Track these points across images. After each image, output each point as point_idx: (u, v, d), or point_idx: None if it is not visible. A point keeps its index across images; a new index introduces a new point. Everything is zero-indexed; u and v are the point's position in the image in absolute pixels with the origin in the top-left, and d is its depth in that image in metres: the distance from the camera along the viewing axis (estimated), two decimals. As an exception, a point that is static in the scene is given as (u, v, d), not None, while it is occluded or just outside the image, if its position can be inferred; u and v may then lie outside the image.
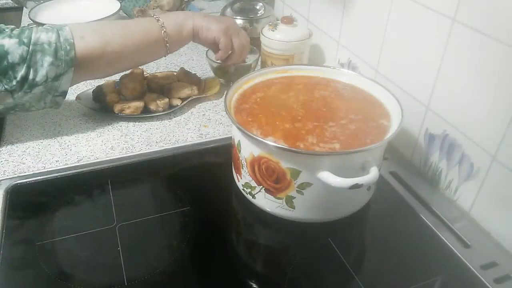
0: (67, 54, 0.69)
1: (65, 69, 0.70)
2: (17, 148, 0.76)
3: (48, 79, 0.69)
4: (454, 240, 0.60)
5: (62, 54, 0.69)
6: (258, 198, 0.62)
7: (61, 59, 0.69)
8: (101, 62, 0.74)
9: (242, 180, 0.63)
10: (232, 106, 0.64)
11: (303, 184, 0.56)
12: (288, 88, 0.70)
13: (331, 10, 0.93)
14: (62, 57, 0.69)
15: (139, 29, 0.77)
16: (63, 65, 0.69)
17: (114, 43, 0.73)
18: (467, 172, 0.63)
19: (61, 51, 0.69)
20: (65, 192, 0.67)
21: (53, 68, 0.68)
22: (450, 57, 0.63)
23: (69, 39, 0.70)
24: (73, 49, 0.69)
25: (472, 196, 0.64)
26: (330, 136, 0.59)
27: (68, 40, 0.69)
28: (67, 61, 0.69)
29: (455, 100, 0.63)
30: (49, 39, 0.68)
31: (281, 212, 0.61)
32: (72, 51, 0.69)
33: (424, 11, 0.66)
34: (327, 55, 1.00)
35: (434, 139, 0.69)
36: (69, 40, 0.69)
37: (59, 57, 0.68)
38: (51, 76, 0.69)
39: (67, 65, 0.69)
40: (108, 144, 0.78)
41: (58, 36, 0.69)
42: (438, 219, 0.64)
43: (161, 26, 0.77)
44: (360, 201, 0.63)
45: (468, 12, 0.58)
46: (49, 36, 0.69)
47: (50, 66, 0.68)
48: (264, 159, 0.57)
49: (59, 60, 0.69)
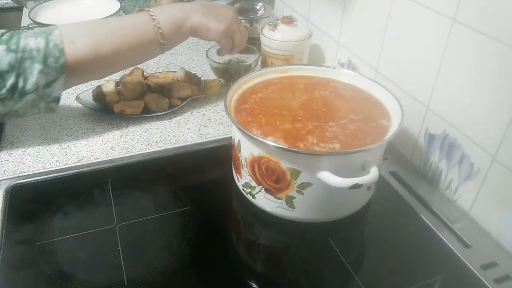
0: (57, 61, 0.65)
1: (55, 76, 0.66)
2: (17, 148, 0.76)
3: (39, 87, 0.66)
4: (454, 240, 0.60)
5: (51, 61, 0.65)
6: (258, 198, 0.62)
7: (51, 66, 0.65)
8: (93, 67, 0.70)
9: (242, 180, 0.63)
10: (232, 106, 0.64)
11: (303, 184, 0.56)
12: (288, 88, 0.70)
13: (331, 10, 0.93)
14: (51, 64, 0.65)
15: (132, 31, 0.72)
16: (53, 72, 0.65)
17: (107, 47, 0.69)
18: (467, 172, 0.63)
19: (50, 58, 0.65)
20: (65, 192, 0.67)
21: (42, 75, 0.65)
22: (450, 57, 0.63)
23: (59, 44, 0.65)
24: (63, 55, 0.65)
25: (472, 196, 0.64)
26: (330, 136, 0.59)
27: (58, 45, 0.65)
28: (57, 68, 0.65)
29: (455, 100, 0.64)
30: (38, 45, 0.64)
31: (281, 212, 0.61)
32: (62, 57, 0.65)
33: (424, 11, 0.66)
34: (327, 55, 1.00)
35: (434, 139, 0.69)
36: (58, 45, 0.65)
37: (48, 64, 0.65)
38: (42, 83, 0.65)
39: (57, 72, 0.66)
40: (108, 144, 0.78)
41: (47, 42, 0.65)
42: (438, 219, 0.64)
43: (157, 27, 0.73)
44: (360, 201, 0.63)
45: (468, 12, 0.58)
46: (38, 42, 0.65)
47: (40, 74, 0.64)
48: (264, 159, 0.57)
49: (48, 67, 0.65)
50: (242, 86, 0.69)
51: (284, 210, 0.60)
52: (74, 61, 0.67)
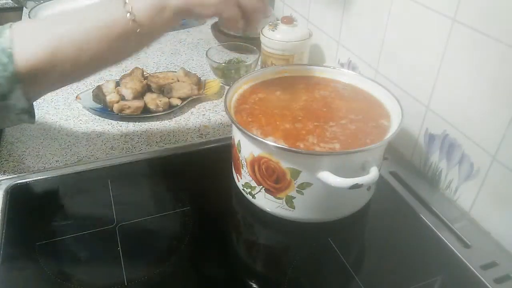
0: (5, 69, 0.52)
1: (9, 87, 0.54)
2: (17, 148, 0.76)
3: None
4: (454, 240, 0.60)
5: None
6: (258, 198, 0.62)
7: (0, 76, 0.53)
8: (53, 73, 0.56)
9: (242, 180, 0.63)
10: (232, 106, 0.64)
11: (303, 184, 0.56)
12: (288, 88, 0.70)
13: (331, 10, 0.93)
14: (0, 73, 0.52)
15: (99, 22, 0.56)
16: (4, 82, 0.53)
17: (67, 46, 0.54)
18: (467, 172, 0.63)
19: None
20: (65, 192, 0.67)
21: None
22: (450, 57, 0.63)
23: (7, 48, 0.52)
24: (12, 61, 0.52)
25: (472, 196, 0.64)
26: (330, 136, 0.59)
27: (6, 50, 0.52)
28: (8, 78, 0.53)
29: (455, 100, 0.64)
30: None
31: (281, 212, 0.61)
32: (10, 64, 0.52)
33: (424, 11, 0.66)
34: (327, 55, 1.00)
35: (434, 139, 0.69)
36: (6, 50, 0.52)
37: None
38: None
39: (9, 81, 0.53)
40: (108, 144, 0.78)
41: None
42: (438, 219, 0.64)
43: (129, 13, 0.55)
44: (360, 201, 0.63)
45: (468, 12, 0.58)
46: None
47: None
48: (264, 159, 0.57)
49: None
50: (242, 86, 0.69)
51: (284, 210, 0.60)
52: (27, 67, 0.53)
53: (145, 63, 1.06)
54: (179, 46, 1.17)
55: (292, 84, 0.71)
